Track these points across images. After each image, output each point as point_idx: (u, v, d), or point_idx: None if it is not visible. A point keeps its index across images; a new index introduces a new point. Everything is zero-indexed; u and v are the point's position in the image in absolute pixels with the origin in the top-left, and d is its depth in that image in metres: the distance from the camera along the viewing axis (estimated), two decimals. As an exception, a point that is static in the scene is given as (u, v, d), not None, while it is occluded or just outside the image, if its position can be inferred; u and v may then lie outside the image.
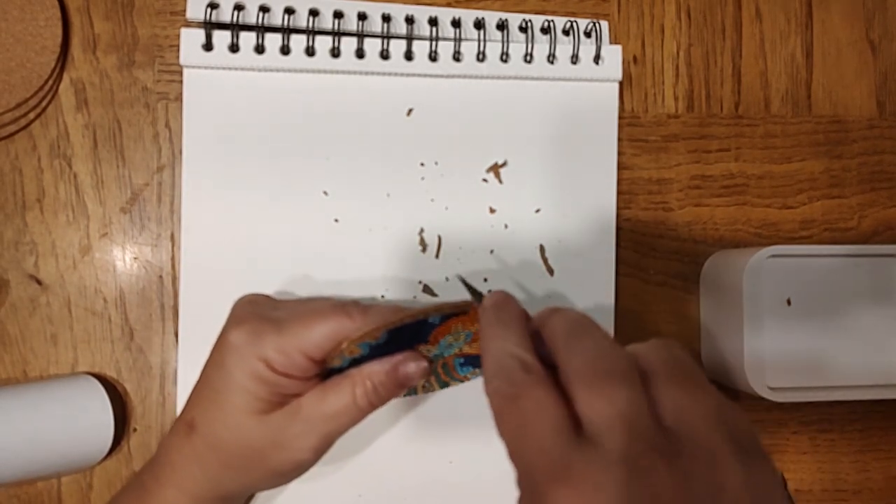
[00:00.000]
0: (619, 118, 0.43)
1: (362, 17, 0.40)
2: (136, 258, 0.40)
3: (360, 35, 0.40)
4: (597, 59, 0.42)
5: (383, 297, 0.40)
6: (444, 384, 0.36)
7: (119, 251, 0.39)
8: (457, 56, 0.41)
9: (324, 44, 0.40)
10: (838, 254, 0.43)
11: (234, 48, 0.39)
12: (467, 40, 0.41)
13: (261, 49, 0.39)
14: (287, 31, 0.39)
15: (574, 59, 0.42)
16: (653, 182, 0.44)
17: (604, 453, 0.20)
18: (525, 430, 0.21)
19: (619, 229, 0.43)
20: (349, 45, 0.40)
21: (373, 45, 0.40)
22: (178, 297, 0.39)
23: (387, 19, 0.40)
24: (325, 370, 0.31)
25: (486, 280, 0.41)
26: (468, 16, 0.41)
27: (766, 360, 0.41)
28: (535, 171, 0.42)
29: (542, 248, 0.42)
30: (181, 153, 0.39)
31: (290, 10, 0.39)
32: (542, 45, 0.41)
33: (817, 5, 0.46)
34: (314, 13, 0.39)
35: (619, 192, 0.43)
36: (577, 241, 0.42)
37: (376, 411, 0.32)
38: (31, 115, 0.39)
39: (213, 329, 0.33)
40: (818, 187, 0.45)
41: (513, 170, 0.42)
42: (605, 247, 0.42)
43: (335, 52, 0.40)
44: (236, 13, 0.38)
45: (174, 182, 0.40)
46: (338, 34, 0.40)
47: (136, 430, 0.39)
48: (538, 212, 0.42)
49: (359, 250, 0.40)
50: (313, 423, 0.30)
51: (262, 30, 0.39)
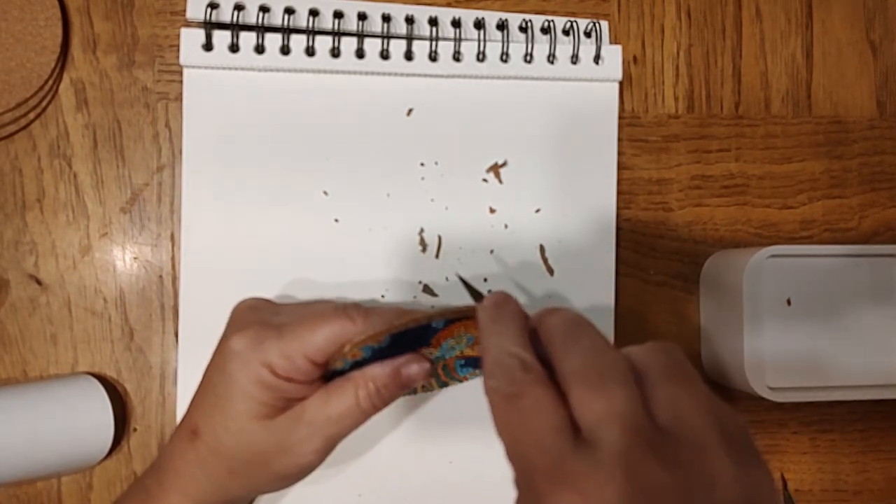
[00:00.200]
0: (620, 118, 0.43)
1: (362, 17, 0.40)
2: (136, 258, 0.40)
3: (360, 35, 0.40)
4: (597, 59, 0.42)
5: (383, 297, 0.40)
6: (443, 384, 0.36)
7: (119, 251, 0.39)
8: (457, 56, 0.41)
9: (324, 44, 0.40)
10: (838, 254, 0.43)
11: (234, 48, 0.39)
12: (467, 40, 0.41)
13: (261, 49, 0.39)
14: (287, 31, 0.39)
15: (574, 59, 0.42)
16: (653, 182, 0.44)
17: (601, 453, 0.20)
18: (524, 428, 0.21)
19: (619, 229, 0.43)
20: (349, 45, 0.40)
21: (373, 45, 0.40)
22: (178, 297, 0.39)
23: (387, 19, 0.40)
24: (327, 373, 0.31)
25: (486, 280, 0.41)
26: (468, 16, 0.41)
27: (766, 360, 0.41)
28: (535, 171, 0.42)
29: (542, 248, 0.42)
30: (181, 153, 0.39)
31: (290, 10, 0.39)
32: (542, 45, 0.41)
33: (817, 5, 0.46)
34: (314, 13, 0.39)
35: (619, 192, 0.43)
36: (577, 241, 0.42)
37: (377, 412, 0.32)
38: (31, 115, 0.39)
39: (213, 329, 0.33)
40: (818, 188, 0.45)
41: (513, 170, 0.42)
42: (605, 247, 0.42)
43: (335, 52, 0.40)
44: (236, 13, 0.38)
45: (174, 182, 0.40)
46: (338, 34, 0.40)
47: (136, 430, 0.39)
48: (538, 212, 0.42)
49: (359, 250, 0.40)
50: (317, 426, 0.30)
51: (262, 30, 0.39)
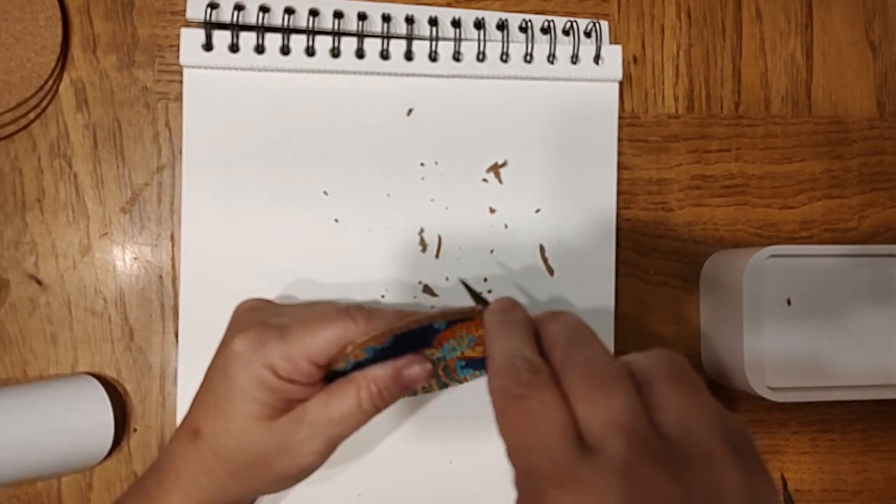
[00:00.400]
0: (619, 118, 0.43)
1: (362, 17, 0.40)
2: (136, 258, 0.40)
3: (360, 35, 0.40)
4: (597, 59, 0.42)
5: (383, 297, 0.40)
6: (443, 385, 0.36)
7: (119, 251, 0.39)
8: (457, 56, 0.41)
9: (324, 44, 0.40)
10: (838, 254, 0.43)
11: (234, 48, 0.39)
12: (467, 40, 0.41)
13: (261, 49, 0.39)
14: (287, 31, 0.39)
15: (574, 59, 0.42)
16: (653, 182, 0.44)
17: (605, 461, 0.20)
18: (529, 430, 0.21)
19: (619, 229, 0.43)
20: (349, 45, 0.40)
21: (373, 45, 0.40)
22: (178, 297, 0.39)
23: (387, 19, 0.40)
24: (329, 374, 0.31)
25: (486, 280, 0.41)
26: (468, 16, 0.41)
27: (766, 360, 0.41)
28: (535, 171, 0.42)
29: (542, 249, 0.42)
30: (181, 153, 0.39)
31: (290, 10, 0.39)
32: (542, 45, 0.41)
33: (817, 5, 0.46)
34: (314, 13, 0.39)
35: (619, 192, 0.43)
36: (577, 241, 0.42)
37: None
38: (31, 115, 0.39)
39: (213, 329, 0.33)
40: (818, 188, 0.45)
41: (513, 170, 0.42)
42: (605, 247, 0.42)
43: (335, 52, 0.40)
44: (236, 13, 0.38)
45: (174, 182, 0.40)
46: (338, 34, 0.40)
47: (136, 430, 0.39)
48: (538, 212, 0.42)
49: (359, 250, 0.40)
50: (319, 427, 0.30)
51: (262, 30, 0.39)
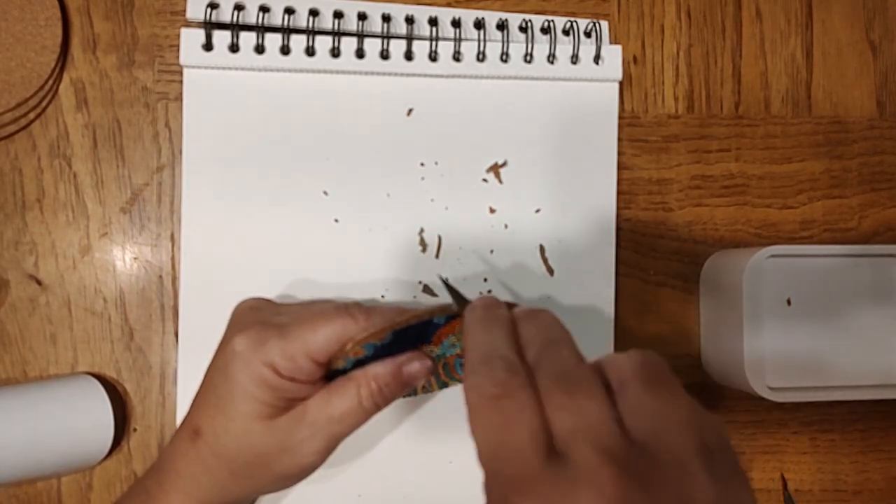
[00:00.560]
0: (619, 118, 0.43)
1: (362, 17, 0.40)
2: (136, 258, 0.40)
3: (360, 35, 0.40)
4: (597, 59, 0.42)
5: (383, 297, 0.40)
6: (443, 384, 0.36)
7: (119, 251, 0.39)
8: (457, 56, 0.41)
9: (324, 44, 0.40)
10: (838, 254, 0.43)
11: (234, 48, 0.39)
12: (467, 40, 0.41)
13: (261, 49, 0.39)
14: (287, 31, 0.39)
15: (574, 59, 0.42)
16: (653, 182, 0.44)
17: (571, 469, 0.19)
18: (501, 431, 0.21)
19: (619, 229, 0.43)
20: (349, 45, 0.40)
21: (373, 45, 0.40)
22: (178, 297, 0.39)
23: (387, 19, 0.40)
24: (329, 372, 0.31)
25: (485, 280, 0.41)
26: (468, 16, 0.41)
27: (766, 360, 0.41)
28: (535, 171, 0.42)
29: (542, 248, 0.42)
30: (181, 153, 0.39)
31: (290, 10, 0.39)
32: (542, 45, 0.41)
33: (817, 5, 0.46)
34: (314, 13, 0.39)
35: (619, 192, 0.43)
36: (577, 241, 0.42)
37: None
38: (31, 115, 0.39)
39: (213, 329, 0.33)
40: (818, 188, 0.45)
41: (513, 170, 0.42)
42: (605, 247, 0.42)
43: (335, 52, 0.40)
44: (236, 13, 0.38)
45: (174, 182, 0.40)
46: (338, 34, 0.40)
47: (136, 430, 0.39)
48: (538, 212, 0.42)
49: (359, 250, 0.40)
50: (319, 426, 0.30)
51: (262, 30, 0.39)
